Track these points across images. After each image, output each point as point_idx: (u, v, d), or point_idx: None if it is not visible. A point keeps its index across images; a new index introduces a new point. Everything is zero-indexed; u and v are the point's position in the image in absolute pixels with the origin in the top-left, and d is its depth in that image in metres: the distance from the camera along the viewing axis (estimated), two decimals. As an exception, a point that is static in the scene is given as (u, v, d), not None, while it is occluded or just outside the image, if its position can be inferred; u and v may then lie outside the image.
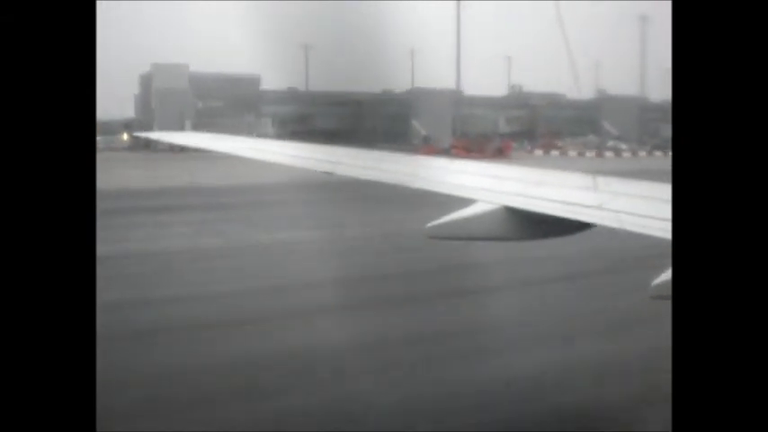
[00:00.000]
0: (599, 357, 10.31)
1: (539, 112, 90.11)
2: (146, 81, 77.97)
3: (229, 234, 21.64)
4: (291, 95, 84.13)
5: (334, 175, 7.58)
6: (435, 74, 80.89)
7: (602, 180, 5.71)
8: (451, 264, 15.39)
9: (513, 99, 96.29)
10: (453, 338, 11.34)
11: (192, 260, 17.62)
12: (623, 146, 74.98)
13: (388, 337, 11.30)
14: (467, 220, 5.64)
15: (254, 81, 79.97)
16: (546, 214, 5.30)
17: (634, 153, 70.38)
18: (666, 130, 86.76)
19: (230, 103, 76.27)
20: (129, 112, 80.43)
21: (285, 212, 26.01)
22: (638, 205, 5.06)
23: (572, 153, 69.30)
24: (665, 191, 5.35)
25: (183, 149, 43.34)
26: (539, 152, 70.76)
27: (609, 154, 68.93)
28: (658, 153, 70.88)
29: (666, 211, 4.58)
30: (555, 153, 70.03)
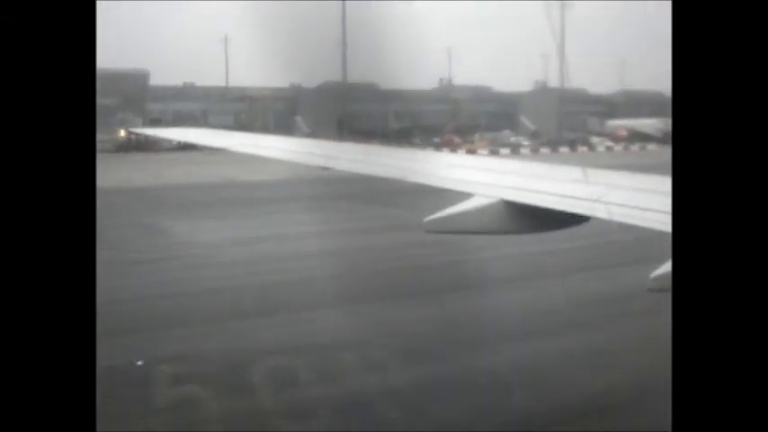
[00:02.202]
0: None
1: (460, 105, 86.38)
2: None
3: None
4: (185, 92, 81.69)
5: (332, 171, 7.58)
6: (373, 68, 77.52)
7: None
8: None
9: (438, 93, 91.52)
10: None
11: None
12: (525, 142, 74.09)
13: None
14: (464, 214, 5.59)
15: (141, 77, 77.25)
16: (544, 207, 5.28)
17: (531, 150, 68.76)
18: (594, 124, 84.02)
19: (114, 101, 73.34)
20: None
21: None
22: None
23: (446, 150, 67.77)
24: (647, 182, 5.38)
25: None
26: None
27: (483, 152, 67.19)
28: (564, 149, 68.91)
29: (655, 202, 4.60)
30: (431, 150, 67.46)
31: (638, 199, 5.05)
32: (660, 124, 76.70)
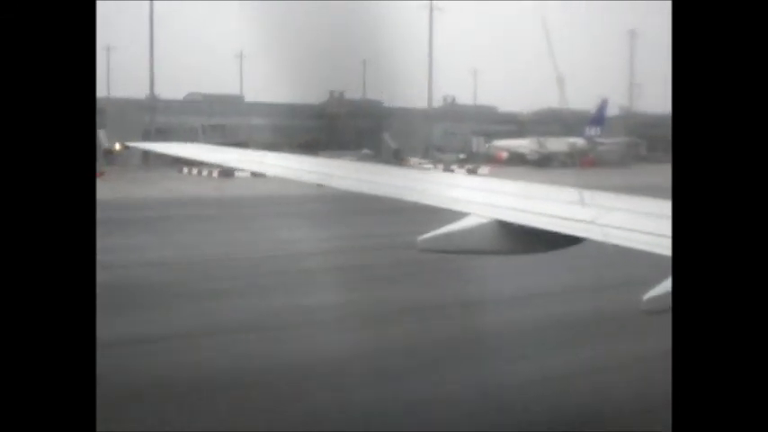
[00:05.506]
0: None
1: (334, 121, 79.78)
2: None
3: None
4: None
5: (326, 188, 7.50)
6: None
7: None
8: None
9: (321, 107, 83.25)
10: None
11: None
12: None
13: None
14: (459, 234, 5.57)
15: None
16: (538, 228, 5.26)
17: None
18: (479, 144, 78.61)
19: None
20: None
21: None
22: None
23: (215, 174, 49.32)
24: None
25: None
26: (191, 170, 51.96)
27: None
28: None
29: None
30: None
31: None
32: (534, 145, 70.72)
